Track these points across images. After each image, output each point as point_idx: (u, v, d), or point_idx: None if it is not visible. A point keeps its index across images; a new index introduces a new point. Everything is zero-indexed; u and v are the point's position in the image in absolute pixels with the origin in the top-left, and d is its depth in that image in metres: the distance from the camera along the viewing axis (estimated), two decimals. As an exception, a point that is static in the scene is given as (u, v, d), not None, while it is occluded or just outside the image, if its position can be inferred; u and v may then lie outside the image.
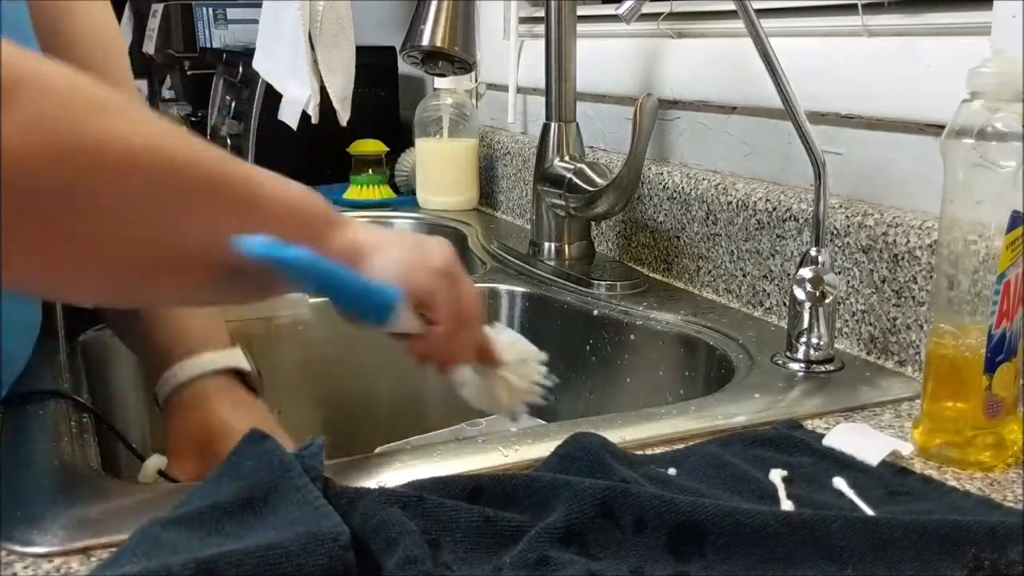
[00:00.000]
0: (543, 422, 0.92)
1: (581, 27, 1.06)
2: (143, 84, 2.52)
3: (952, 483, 0.56)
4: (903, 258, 0.74)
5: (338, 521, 0.46)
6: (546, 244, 1.07)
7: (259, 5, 1.46)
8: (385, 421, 1.02)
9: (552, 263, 1.05)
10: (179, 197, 0.48)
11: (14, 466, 0.58)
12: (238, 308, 0.83)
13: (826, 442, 0.60)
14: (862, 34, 0.82)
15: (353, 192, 1.47)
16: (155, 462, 0.75)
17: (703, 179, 0.96)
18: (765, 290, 0.89)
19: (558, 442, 0.58)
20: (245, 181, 0.52)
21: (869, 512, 0.52)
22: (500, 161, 1.40)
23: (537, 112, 1.31)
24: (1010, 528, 0.47)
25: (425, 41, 1.02)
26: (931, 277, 0.71)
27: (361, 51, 1.42)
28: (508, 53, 1.37)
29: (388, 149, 1.52)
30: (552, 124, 1.05)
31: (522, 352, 0.68)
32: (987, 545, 0.46)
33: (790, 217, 0.85)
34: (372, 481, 0.56)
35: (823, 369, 0.75)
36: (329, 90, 1.37)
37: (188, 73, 1.98)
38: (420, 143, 1.44)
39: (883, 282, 0.76)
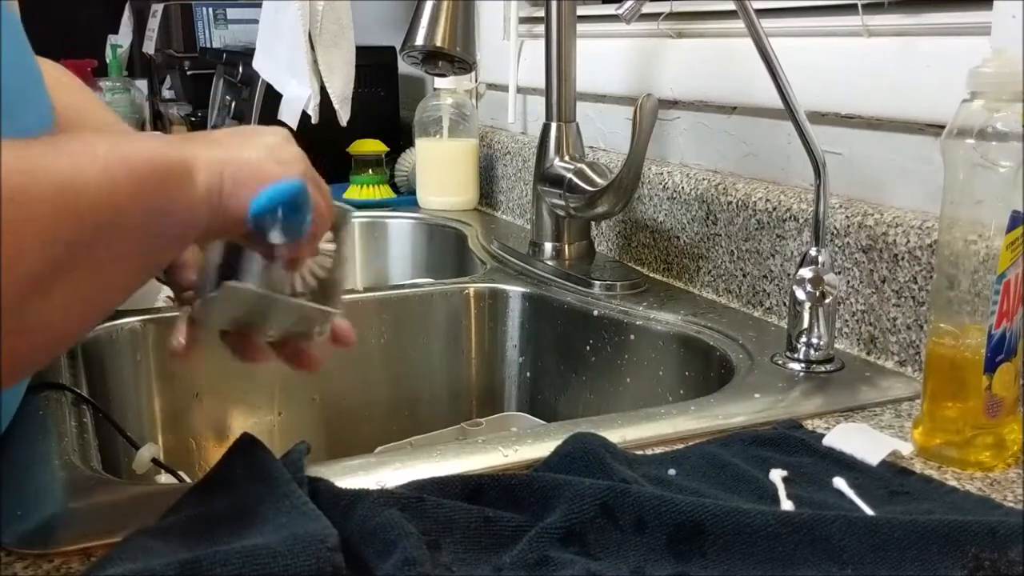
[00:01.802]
0: (543, 422, 0.92)
1: (581, 27, 1.06)
2: (143, 84, 2.52)
3: (952, 483, 0.56)
4: (903, 258, 0.74)
5: (326, 524, 0.46)
6: (546, 244, 1.07)
7: (259, 5, 1.46)
8: (385, 421, 1.02)
9: (552, 263, 1.05)
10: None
11: (14, 465, 0.58)
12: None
13: (826, 442, 0.60)
14: (862, 34, 0.82)
15: (353, 192, 1.47)
16: (149, 451, 0.76)
17: (703, 179, 0.96)
18: (765, 290, 0.89)
19: (558, 442, 0.58)
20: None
21: (869, 512, 0.52)
22: (500, 161, 1.40)
23: (537, 112, 1.31)
24: (1010, 528, 0.47)
25: (425, 41, 1.02)
26: (931, 277, 0.71)
27: (361, 51, 1.42)
28: (508, 53, 1.37)
29: (388, 149, 1.51)
30: (552, 124, 1.05)
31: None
32: (987, 545, 0.46)
33: (790, 217, 0.85)
34: (372, 481, 0.56)
35: (823, 369, 0.75)
36: (329, 90, 1.37)
37: (188, 73, 1.97)
38: (420, 143, 1.43)
39: (883, 282, 0.76)
